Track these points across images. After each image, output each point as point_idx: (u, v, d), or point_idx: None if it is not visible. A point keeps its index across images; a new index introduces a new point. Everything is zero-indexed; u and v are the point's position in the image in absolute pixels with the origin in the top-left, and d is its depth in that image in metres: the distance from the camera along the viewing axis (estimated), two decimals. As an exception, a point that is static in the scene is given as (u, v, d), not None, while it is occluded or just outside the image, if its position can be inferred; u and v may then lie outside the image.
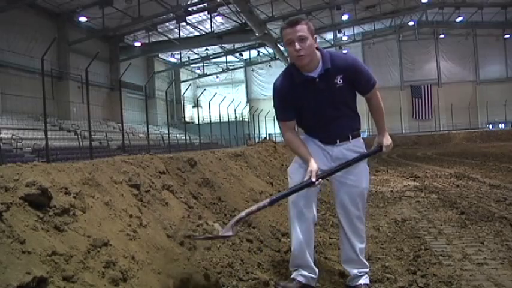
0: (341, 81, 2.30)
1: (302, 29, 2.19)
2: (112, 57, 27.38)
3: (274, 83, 2.42)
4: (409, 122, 38.40)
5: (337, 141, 2.41)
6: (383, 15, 31.32)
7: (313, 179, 2.21)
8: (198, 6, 25.44)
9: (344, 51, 23.08)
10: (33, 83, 19.38)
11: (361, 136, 2.55)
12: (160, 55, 33.79)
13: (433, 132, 34.16)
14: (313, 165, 2.26)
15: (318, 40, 2.32)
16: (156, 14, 23.77)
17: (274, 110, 2.46)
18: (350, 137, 2.43)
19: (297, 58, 2.22)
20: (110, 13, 22.32)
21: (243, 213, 2.21)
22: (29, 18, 20.65)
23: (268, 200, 2.24)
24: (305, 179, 2.25)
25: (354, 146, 2.43)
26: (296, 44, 2.18)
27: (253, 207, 2.23)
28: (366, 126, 29.54)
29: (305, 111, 2.39)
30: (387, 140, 2.44)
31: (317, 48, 2.28)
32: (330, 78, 2.29)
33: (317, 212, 2.50)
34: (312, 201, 2.42)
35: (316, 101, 2.33)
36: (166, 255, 2.19)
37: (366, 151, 2.46)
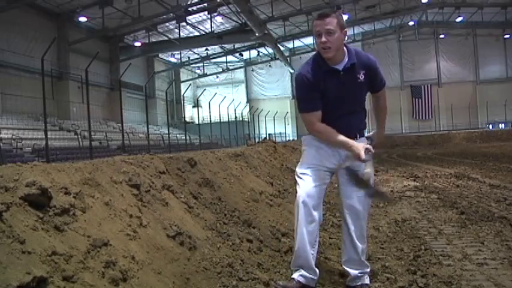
0: (363, 76, 2.37)
1: (331, 22, 2.24)
2: (112, 57, 27.37)
3: (300, 72, 2.41)
4: (409, 122, 38.37)
5: None
6: (383, 15, 31.31)
7: (370, 147, 2.29)
8: (198, 6, 25.44)
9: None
10: (33, 83, 19.36)
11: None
12: (160, 55, 33.78)
13: (433, 132, 34.13)
14: (358, 144, 2.31)
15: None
16: (156, 14, 23.76)
17: (298, 102, 2.45)
18: (358, 136, 2.48)
19: (322, 50, 2.29)
20: (110, 13, 22.31)
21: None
22: (29, 18, 20.64)
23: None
24: (362, 157, 2.27)
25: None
26: (323, 36, 2.24)
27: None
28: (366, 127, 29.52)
29: (324, 103, 2.40)
30: (379, 136, 2.63)
31: (344, 45, 2.35)
32: (354, 73, 2.35)
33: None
34: (320, 202, 2.43)
35: (337, 93, 2.37)
36: (166, 255, 2.19)
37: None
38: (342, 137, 2.34)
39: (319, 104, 2.38)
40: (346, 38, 2.34)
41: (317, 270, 2.42)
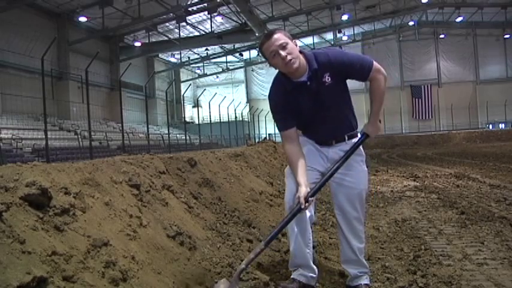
0: (329, 79, 2.25)
1: (280, 37, 2.16)
2: (112, 57, 27.39)
3: (269, 95, 2.40)
4: (409, 122, 38.40)
5: (333, 142, 2.41)
6: (383, 15, 31.33)
7: (302, 206, 2.14)
8: (198, 6, 25.44)
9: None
10: (33, 83, 19.39)
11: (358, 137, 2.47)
12: (160, 55, 33.79)
13: (433, 132, 34.14)
14: (302, 190, 2.17)
15: (316, 40, 2.31)
16: (156, 14, 23.77)
17: (274, 121, 2.41)
18: (346, 138, 2.41)
19: (286, 66, 2.18)
20: (110, 13, 22.32)
21: (243, 265, 2.12)
22: (29, 18, 20.66)
23: (263, 242, 2.17)
24: (294, 205, 2.19)
25: (351, 147, 2.39)
26: (280, 52, 2.15)
27: (251, 255, 2.14)
28: (362, 127, 29.49)
29: (301, 115, 2.36)
30: (372, 128, 2.36)
31: (300, 52, 2.24)
32: (319, 79, 2.24)
33: (317, 212, 2.50)
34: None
35: (311, 104, 2.30)
36: (166, 255, 2.19)
37: (356, 147, 2.37)
38: (296, 171, 2.25)
39: (290, 122, 2.34)
40: (297, 47, 2.22)
41: (315, 269, 2.42)
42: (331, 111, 2.34)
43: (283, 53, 2.14)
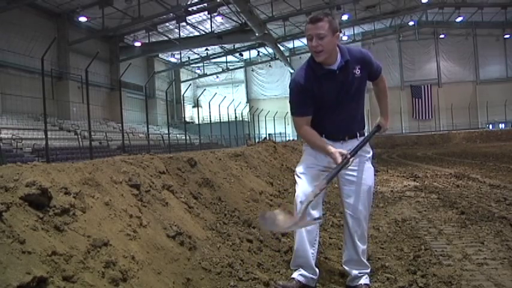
0: (359, 71, 2.39)
1: (322, 26, 2.24)
2: (112, 57, 27.38)
3: (293, 78, 2.45)
4: (409, 122, 38.38)
5: (346, 137, 2.46)
6: (383, 15, 31.33)
7: (348, 156, 2.26)
8: (198, 6, 25.43)
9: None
10: (33, 83, 19.39)
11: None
12: (160, 55, 33.78)
13: (433, 132, 34.12)
14: (338, 151, 2.28)
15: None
16: (156, 14, 23.76)
17: (290, 105, 2.47)
18: (358, 135, 2.49)
19: (314, 53, 2.31)
20: (110, 13, 22.32)
21: (311, 198, 2.21)
22: (29, 18, 20.65)
23: (324, 180, 2.23)
24: (339, 162, 2.25)
25: (367, 135, 2.49)
26: (314, 40, 2.25)
27: (316, 190, 2.22)
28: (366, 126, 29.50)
29: (322, 104, 2.41)
30: (385, 121, 2.63)
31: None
32: (349, 70, 2.36)
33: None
34: (319, 202, 2.43)
35: (336, 93, 2.38)
36: (166, 255, 2.19)
37: (370, 135, 2.55)
38: (321, 142, 2.37)
39: (309, 109, 2.41)
40: (338, 40, 2.35)
41: (317, 270, 2.42)
42: (350, 103, 2.44)
43: (315, 42, 2.26)
